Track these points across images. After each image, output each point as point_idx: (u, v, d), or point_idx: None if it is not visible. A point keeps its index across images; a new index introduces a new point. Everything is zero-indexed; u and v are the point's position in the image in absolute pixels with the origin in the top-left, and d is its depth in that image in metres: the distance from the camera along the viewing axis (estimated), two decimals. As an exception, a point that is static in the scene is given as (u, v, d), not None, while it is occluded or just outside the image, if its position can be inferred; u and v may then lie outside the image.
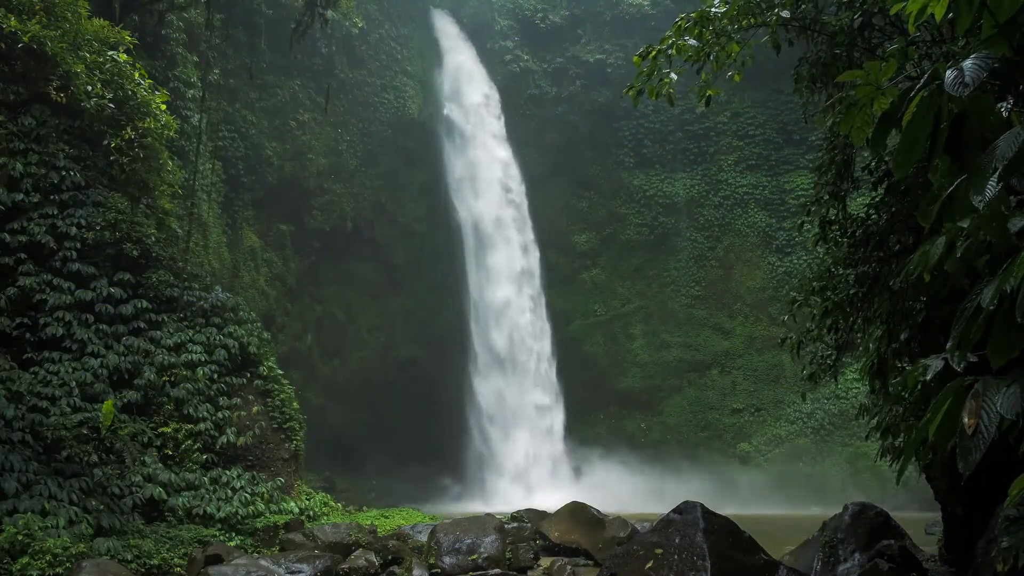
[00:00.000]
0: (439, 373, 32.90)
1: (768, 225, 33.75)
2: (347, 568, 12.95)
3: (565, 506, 16.14)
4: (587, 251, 35.91)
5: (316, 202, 30.93)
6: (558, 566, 12.94)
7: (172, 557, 13.25)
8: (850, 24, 8.87)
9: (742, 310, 33.66)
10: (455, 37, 36.06)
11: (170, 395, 16.11)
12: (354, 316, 33.28)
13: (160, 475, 14.90)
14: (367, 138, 32.74)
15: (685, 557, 9.55)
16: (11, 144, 15.90)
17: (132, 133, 16.64)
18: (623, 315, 35.05)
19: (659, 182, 35.68)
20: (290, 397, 18.13)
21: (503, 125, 34.84)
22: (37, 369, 14.89)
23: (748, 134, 34.77)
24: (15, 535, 11.56)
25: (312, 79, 30.24)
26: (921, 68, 6.58)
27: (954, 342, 3.07)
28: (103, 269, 16.45)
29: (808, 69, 9.73)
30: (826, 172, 9.57)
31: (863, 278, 8.60)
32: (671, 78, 9.24)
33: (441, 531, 13.77)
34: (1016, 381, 2.81)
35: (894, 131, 3.49)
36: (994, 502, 7.17)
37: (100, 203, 16.70)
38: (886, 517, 10.49)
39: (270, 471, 16.78)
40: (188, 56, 23.09)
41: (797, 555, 11.35)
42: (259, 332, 18.64)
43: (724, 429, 32.29)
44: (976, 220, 3.09)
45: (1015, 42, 3.31)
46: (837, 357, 10.23)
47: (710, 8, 9.07)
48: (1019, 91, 3.76)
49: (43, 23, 16.09)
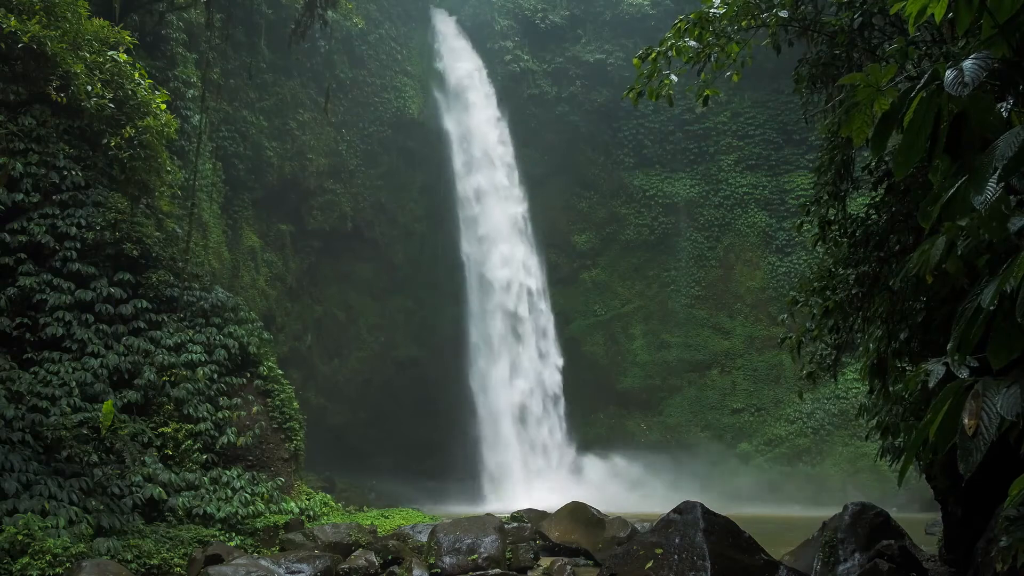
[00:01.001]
0: (439, 373, 32.90)
1: (768, 225, 33.75)
2: (347, 568, 12.96)
3: (565, 506, 16.15)
4: (587, 251, 35.90)
5: (316, 202, 30.94)
6: (558, 566, 12.94)
7: (172, 557, 13.25)
8: (850, 24, 8.87)
9: (742, 310, 33.66)
10: (455, 37, 36.06)
11: (170, 395, 16.11)
12: (354, 316, 33.29)
13: (160, 475, 14.90)
14: (367, 138, 32.74)
15: (685, 557, 9.55)
16: (11, 144, 15.90)
17: (132, 131, 16.63)
18: (623, 315, 35.04)
19: (659, 182, 35.67)
20: (290, 397, 18.13)
21: (503, 125, 34.85)
22: (37, 369, 14.90)
23: (748, 134, 34.77)
24: (15, 535, 11.56)
25: (312, 79, 30.25)
26: (921, 68, 6.58)
27: (954, 343, 3.07)
28: (103, 269, 16.45)
29: (808, 70, 9.72)
30: (826, 172, 9.56)
31: (863, 278, 8.59)
32: (671, 79, 9.24)
33: (441, 531, 13.77)
34: (1016, 382, 2.81)
35: (894, 131, 3.49)
36: (994, 502, 7.17)
37: (100, 203, 16.70)
38: (886, 517, 10.49)
39: (270, 471, 16.78)
40: (188, 56, 23.08)
41: (797, 555, 11.35)
42: (259, 332, 18.64)
43: (724, 429, 32.29)
44: (976, 220, 3.09)
45: (1015, 42, 3.31)
46: (837, 357, 10.23)
47: (709, 9, 9.06)
48: (1019, 91, 3.76)
49: (43, 23, 16.08)
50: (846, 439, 29.16)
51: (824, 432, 30.22)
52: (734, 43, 9.18)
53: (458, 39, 36.00)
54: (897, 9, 3.87)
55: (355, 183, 32.36)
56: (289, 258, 29.81)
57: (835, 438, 29.82)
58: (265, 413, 17.38)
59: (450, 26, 36.29)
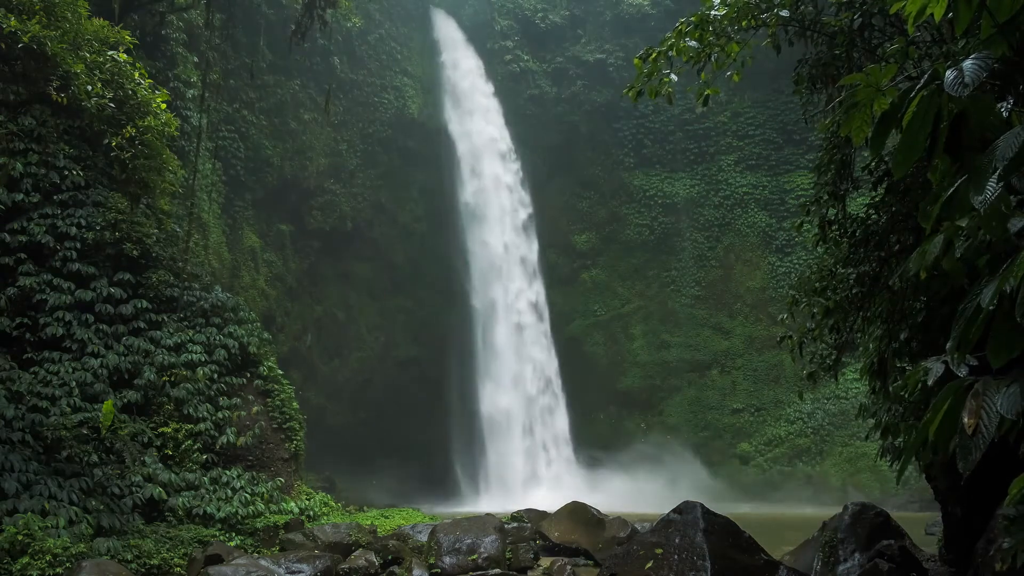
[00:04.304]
0: (439, 373, 32.90)
1: (768, 225, 33.75)
2: (347, 568, 12.95)
3: (565, 506, 16.13)
4: (587, 251, 35.91)
5: (316, 202, 30.94)
6: (558, 566, 12.94)
7: (172, 557, 13.25)
8: (850, 25, 8.87)
9: (742, 310, 33.67)
10: (455, 37, 36.06)
11: (170, 395, 16.11)
12: (354, 316, 33.29)
13: (160, 475, 14.91)
14: (367, 138, 32.75)
15: (685, 557, 9.55)
16: (11, 144, 15.91)
17: (133, 131, 16.63)
18: (623, 315, 35.05)
19: (659, 182, 35.68)
20: (290, 397, 18.13)
21: (504, 125, 34.86)
22: (37, 369, 14.90)
23: (748, 134, 34.78)
24: (15, 535, 11.57)
25: (312, 79, 30.25)
26: (921, 68, 6.58)
27: (954, 342, 3.07)
28: (103, 269, 16.45)
29: (808, 70, 9.72)
30: (826, 172, 9.56)
31: (863, 277, 8.59)
32: (671, 79, 9.24)
33: (441, 531, 13.76)
34: (1016, 381, 2.81)
35: (894, 131, 3.49)
36: (994, 502, 7.17)
37: (100, 203, 16.70)
38: (886, 517, 10.49)
39: (270, 471, 16.78)
40: (188, 56, 23.08)
41: (797, 555, 11.35)
42: (259, 332, 18.64)
43: (724, 429, 32.30)
44: (976, 220, 3.09)
45: (1015, 42, 3.31)
46: (837, 357, 10.22)
47: (709, 11, 9.06)
48: (1019, 91, 3.76)
49: (43, 23, 16.09)
50: (846, 439, 29.17)
51: (824, 432, 30.22)
52: (734, 43, 9.18)
53: (458, 39, 36.01)
54: (897, 9, 3.87)
55: (355, 183, 32.37)
56: (289, 258, 29.80)
57: (835, 438, 29.82)
58: (265, 413, 17.38)
59: (450, 26, 36.28)
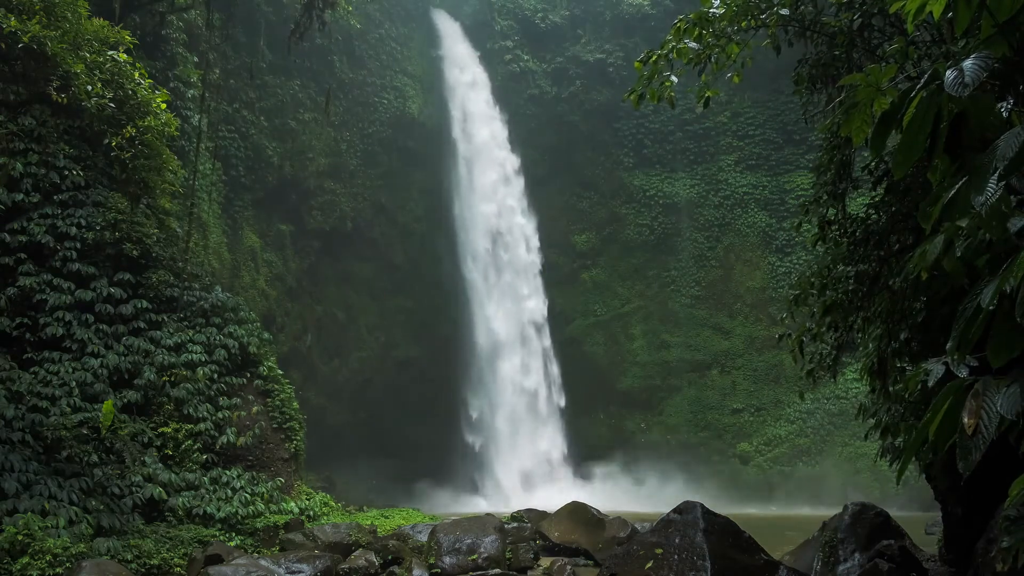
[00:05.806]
0: (439, 373, 32.90)
1: (768, 225, 33.75)
2: (347, 568, 12.96)
3: (565, 506, 16.15)
4: (587, 251, 35.91)
5: (316, 202, 30.94)
6: (558, 566, 12.95)
7: (172, 557, 13.25)
8: (849, 25, 8.87)
9: (742, 310, 33.66)
10: (455, 37, 36.05)
11: (170, 395, 16.11)
12: (354, 316, 33.28)
13: (160, 475, 14.91)
14: (367, 138, 32.74)
15: (685, 557, 9.55)
16: (11, 144, 15.90)
17: (132, 131, 16.63)
18: (623, 315, 35.05)
19: (659, 182, 35.68)
20: (290, 397, 18.13)
21: (503, 125, 34.86)
22: (37, 369, 14.90)
23: (748, 134, 34.77)
24: (15, 535, 11.57)
25: (312, 79, 30.24)
26: (921, 68, 6.58)
27: (954, 342, 3.07)
28: (103, 269, 16.45)
29: (808, 70, 9.72)
30: (826, 172, 9.56)
31: (863, 277, 8.59)
32: (672, 81, 9.23)
33: (441, 531, 13.77)
34: (1016, 381, 2.81)
35: (894, 131, 3.49)
36: (994, 502, 7.17)
37: (100, 203, 16.70)
38: (886, 517, 10.50)
39: (270, 471, 16.78)
40: (188, 56, 23.07)
41: (797, 555, 11.35)
42: (259, 332, 18.64)
43: (724, 429, 32.30)
44: (976, 220, 3.09)
45: (1015, 42, 3.31)
46: (837, 357, 10.22)
47: (709, 9, 9.05)
48: (1019, 91, 3.76)
49: (43, 23, 16.08)
50: (846, 439, 29.16)
51: (824, 432, 30.22)
52: (734, 44, 9.18)
53: (458, 39, 36.01)
54: (896, 8, 3.87)
55: (355, 183, 32.36)
56: (289, 258, 29.80)
57: (835, 438, 29.82)
58: (265, 413, 17.38)
59: (450, 26, 36.28)
